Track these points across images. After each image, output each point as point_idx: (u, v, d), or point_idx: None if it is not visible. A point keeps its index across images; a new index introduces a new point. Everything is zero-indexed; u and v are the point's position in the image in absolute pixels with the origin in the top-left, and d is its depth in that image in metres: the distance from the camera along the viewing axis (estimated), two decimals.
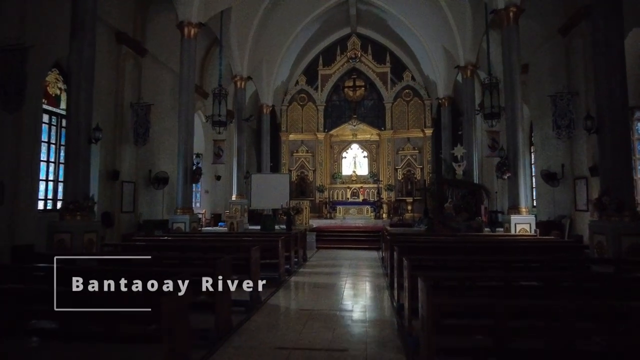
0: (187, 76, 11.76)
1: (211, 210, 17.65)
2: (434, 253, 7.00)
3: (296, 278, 8.42)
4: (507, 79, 11.10)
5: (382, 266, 9.89)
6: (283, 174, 16.95)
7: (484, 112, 12.88)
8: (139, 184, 12.54)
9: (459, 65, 15.00)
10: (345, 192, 21.12)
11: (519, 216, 10.71)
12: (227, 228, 13.80)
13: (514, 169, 10.86)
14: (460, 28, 14.58)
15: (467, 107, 14.87)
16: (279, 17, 16.54)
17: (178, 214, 11.55)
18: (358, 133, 21.52)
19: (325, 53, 21.92)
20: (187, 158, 11.63)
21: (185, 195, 11.63)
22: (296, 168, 21.38)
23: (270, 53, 17.69)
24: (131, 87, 12.15)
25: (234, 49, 15.11)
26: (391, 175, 20.91)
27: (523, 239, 9.37)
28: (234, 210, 15.18)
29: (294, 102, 21.74)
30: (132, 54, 12.14)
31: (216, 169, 17.82)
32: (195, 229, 11.72)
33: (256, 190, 15.59)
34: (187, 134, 11.67)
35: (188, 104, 11.75)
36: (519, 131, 10.86)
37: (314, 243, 12.99)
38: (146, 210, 12.90)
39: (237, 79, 15.64)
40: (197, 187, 17.16)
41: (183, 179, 11.58)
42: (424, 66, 20.13)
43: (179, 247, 7.93)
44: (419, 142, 20.97)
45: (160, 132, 13.63)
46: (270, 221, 12.45)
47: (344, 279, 8.34)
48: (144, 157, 12.78)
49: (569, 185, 11.71)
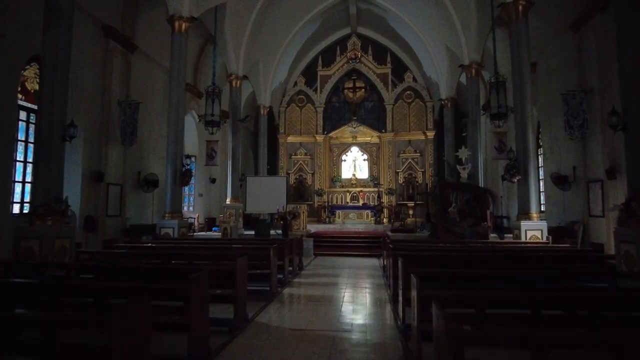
0: (178, 72, 11.03)
1: (205, 214, 16.88)
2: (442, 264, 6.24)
3: (290, 289, 7.64)
4: (516, 75, 10.38)
5: (383, 275, 9.11)
6: (280, 177, 16.21)
7: (490, 113, 12.13)
8: (126, 186, 11.78)
9: (463, 64, 14.29)
10: (344, 196, 20.37)
11: (530, 222, 9.95)
12: (221, 233, 13.05)
13: (524, 172, 10.12)
14: (465, 25, 13.88)
15: (471, 108, 14.14)
16: (277, 14, 15.87)
17: (166, 219, 10.79)
18: (358, 135, 20.81)
19: (325, 53, 21.26)
20: (176, 159, 10.88)
21: (174, 198, 10.87)
22: (294, 171, 20.65)
23: (268, 52, 17.00)
24: (119, 85, 11.43)
25: (229, 46, 14.40)
26: (392, 178, 20.18)
27: (537, 247, 8.61)
28: (228, 215, 14.43)
29: (293, 104, 21.05)
30: (120, 49, 11.43)
31: (210, 171, 17.08)
32: (184, 235, 10.94)
33: (251, 194, 14.83)
34: (176, 133, 10.93)
35: (178, 102, 11.01)
36: (529, 131, 10.12)
37: (311, 249, 12.21)
38: (134, 215, 12.13)
39: (233, 78, 14.92)
40: (191, 191, 16.42)
41: (172, 181, 10.83)
42: (426, 67, 19.45)
43: (163, 254, 7.16)
44: (420, 144, 20.25)
45: (151, 133, 12.91)
46: (265, 226, 11.68)
47: (343, 291, 7.56)
48: (132, 158, 12.04)
49: (582, 189, 10.94)
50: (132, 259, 6.69)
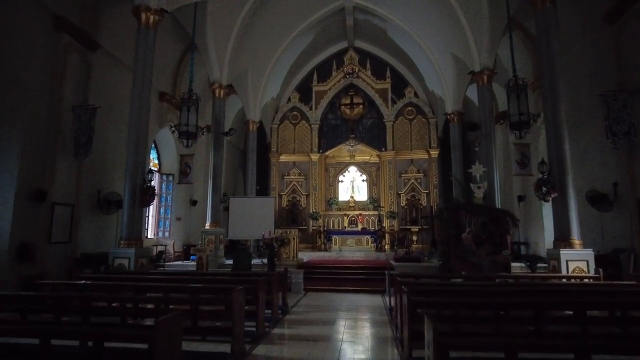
0: (143, 72, 9.10)
1: (184, 241, 14.61)
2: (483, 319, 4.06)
3: (262, 350, 5.35)
4: (545, 73, 8.47)
5: (391, 323, 6.83)
6: (267, 198, 13.97)
7: (510, 122, 10.13)
8: (80, 207, 9.61)
9: (474, 71, 12.43)
10: (342, 220, 18.14)
11: (572, 250, 7.81)
12: (196, 264, 10.80)
13: (561, 188, 8.02)
14: (475, 28, 12.12)
15: (484, 119, 12.17)
16: (267, 21, 14.17)
17: (121, 247, 8.59)
18: (356, 154, 18.82)
19: (320, 68, 19.57)
20: (136, 174, 8.78)
21: (132, 221, 8.69)
22: (287, 192, 18.52)
23: (257, 62, 15.21)
24: (75, 87, 9.47)
25: (212, 52, 12.58)
26: (393, 201, 18.03)
27: (591, 285, 6.42)
28: (207, 242, 12.19)
29: (286, 121, 19.16)
30: (77, 46, 9.53)
31: (191, 192, 14.95)
32: (144, 266, 8.69)
33: (235, 217, 12.63)
34: (137, 142, 8.88)
35: (142, 106, 9.02)
36: (564, 137, 8.11)
37: (301, 284, 9.90)
38: (91, 241, 9.90)
39: (216, 87, 13.02)
40: (167, 214, 14.21)
41: (130, 201, 8.69)
42: (429, 81, 17.68)
43: (85, 297, 4.97)
44: (423, 164, 18.22)
45: (117, 146, 10.84)
46: (244, 256, 9.42)
47: (335, 352, 5.28)
48: (89, 173, 9.93)
49: (627, 209, 8.81)
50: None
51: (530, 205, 13.81)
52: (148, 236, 13.50)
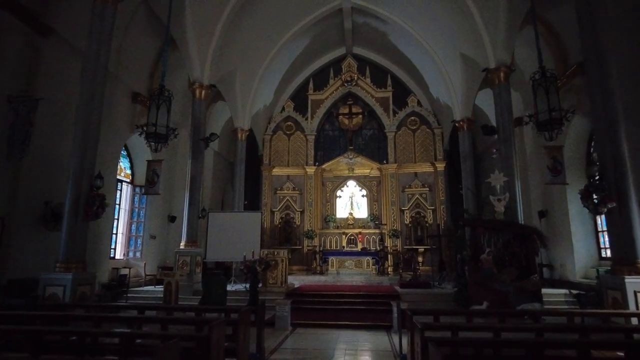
0: (96, 56, 7.31)
1: (160, 262, 12.50)
2: None
3: None
4: (590, 54, 6.68)
5: None
6: (253, 212, 11.88)
7: (537, 121, 8.27)
8: (16, 220, 7.63)
9: (488, 68, 10.69)
10: (340, 239, 16.07)
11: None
12: (163, 292, 8.70)
13: (619, 196, 6.08)
14: (490, 20, 10.47)
15: (502, 122, 10.34)
16: (259, 19, 12.57)
17: (57, 271, 6.57)
18: (355, 167, 16.94)
19: (317, 76, 17.93)
20: (81, 180, 6.85)
21: (73, 238, 6.71)
22: (280, 209, 16.52)
23: (247, 63, 13.52)
24: (13, 75, 7.66)
25: (191, 47, 10.87)
26: (396, 218, 16.02)
27: None
28: (180, 264, 10.14)
29: (279, 131, 17.37)
30: (21, 27, 7.79)
31: (170, 207, 12.95)
32: (85, 296, 6.63)
33: (215, 235, 10.63)
34: (84, 141, 7.00)
35: (93, 97, 7.18)
36: (621, 132, 6.23)
37: (287, 317, 7.76)
38: (28, 263, 7.85)
39: (196, 87, 11.25)
40: (139, 231, 12.17)
41: (71, 212, 6.73)
42: (434, 88, 16.01)
43: None
44: (428, 178, 16.31)
45: (69, 147, 8.92)
46: (217, 284, 7.37)
47: None
48: (31, 181, 7.99)
49: None
50: None
51: (554, 222, 11.84)
52: (116, 257, 11.44)
